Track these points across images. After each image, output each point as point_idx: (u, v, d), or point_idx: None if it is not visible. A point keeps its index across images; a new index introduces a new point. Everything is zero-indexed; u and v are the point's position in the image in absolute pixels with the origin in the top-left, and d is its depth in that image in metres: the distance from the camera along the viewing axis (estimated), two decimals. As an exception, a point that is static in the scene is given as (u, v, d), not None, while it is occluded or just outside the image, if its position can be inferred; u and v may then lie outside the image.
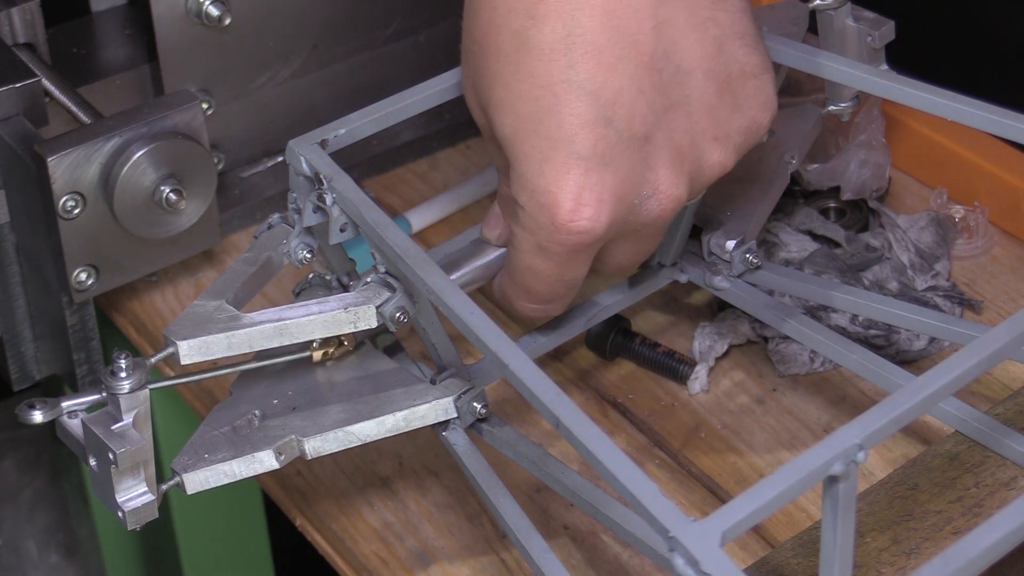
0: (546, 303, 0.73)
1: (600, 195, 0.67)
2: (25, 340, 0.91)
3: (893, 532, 0.69)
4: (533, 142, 0.67)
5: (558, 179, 0.67)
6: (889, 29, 0.82)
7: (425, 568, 0.77)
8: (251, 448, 0.69)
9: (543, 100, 0.66)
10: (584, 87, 0.66)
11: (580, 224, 0.67)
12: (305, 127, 0.75)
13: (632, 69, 0.66)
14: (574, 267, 0.70)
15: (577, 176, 0.66)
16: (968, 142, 0.93)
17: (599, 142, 0.66)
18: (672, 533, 0.55)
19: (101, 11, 0.99)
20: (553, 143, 0.66)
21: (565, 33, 0.66)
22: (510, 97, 0.67)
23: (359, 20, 0.97)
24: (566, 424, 0.60)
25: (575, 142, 0.66)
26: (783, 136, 0.85)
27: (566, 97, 0.66)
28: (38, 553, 1.30)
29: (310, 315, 0.70)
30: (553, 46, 0.66)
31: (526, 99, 0.67)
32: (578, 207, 0.67)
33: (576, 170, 0.66)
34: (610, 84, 0.66)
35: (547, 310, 0.74)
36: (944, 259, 0.89)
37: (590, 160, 0.66)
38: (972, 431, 0.73)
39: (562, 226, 0.67)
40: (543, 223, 0.68)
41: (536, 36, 0.66)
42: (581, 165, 0.66)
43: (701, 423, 0.83)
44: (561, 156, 0.66)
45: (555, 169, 0.67)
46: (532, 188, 0.67)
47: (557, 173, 0.67)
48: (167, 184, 0.85)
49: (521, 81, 0.67)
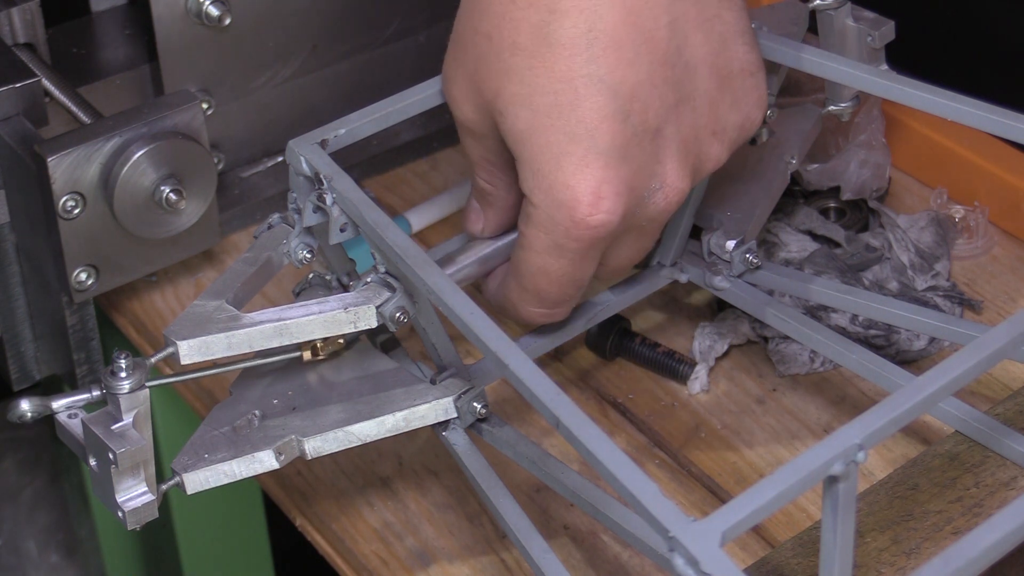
0: (554, 307, 0.73)
1: (617, 188, 0.67)
2: (25, 340, 0.91)
3: (893, 532, 0.69)
4: (551, 136, 0.67)
5: (576, 174, 0.67)
6: (889, 29, 0.82)
7: (425, 568, 0.77)
8: (251, 448, 0.69)
9: (562, 95, 0.67)
10: (604, 81, 0.66)
11: (599, 218, 0.67)
12: (305, 127, 0.75)
13: (648, 64, 0.67)
14: (586, 265, 0.70)
15: (596, 171, 0.67)
16: (968, 142, 0.93)
17: (617, 136, 0.67)
18: (672, 533, 0.55)
19: (101, 11, 0.99)
20: (572, 137, 0.67)
21: (587, 28, 0.66)
22: (525, 91, 0.67)
23: (359, 20, 0.97)
24: (566, 424, 0.60)
25: (595, 136, 0.66)
26: (783, 136, 0.85)
27: (586, 91, 0.66)
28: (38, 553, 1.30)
29: (310, 315, 0.70)
30: (575, 41, 0.66)
31: (544, 93, 0.67)
32: (597, 201, 0.67)
33: (595, 164, 0.67)
34: (629, 79, 0.67)
35: (552, 315, 0.74)
36: (944, 259, 0.89)
37: (609, 154, 0.67)
38: (972, 431, 0.73)
39: (581, 221, 0.67)
40: (560, 220, 0.68)
41: (558, 30, 0.66)
42: (600, 159, 0.67)
43: (701, 423, 0.83)
44: (580, 150, 0.67)
45: (574, 163, 0.67)
46: (550, 184, 0.67)
47: (576, 168, 0.67)
48: (167, 184, 0.85)
49: (539, 75, 0.67)
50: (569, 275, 0.70)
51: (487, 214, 0.76)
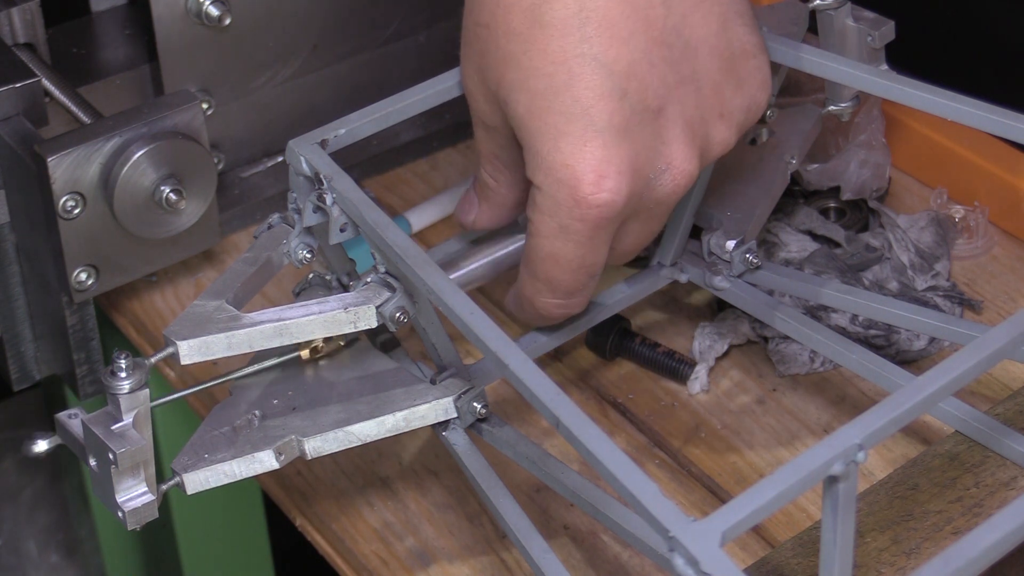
0: (568, 296, 0.72)
1: (619, 167, 0.67)
2: (25, 340, 0.91)
3: (893, 532, 0.69)
4: (548, 118, 0.67)
5: (575, 153, 0.67)
6: (889, 29, 0.82)
7: (425, 568, 0.77)
8: (251, 448, 0.69)
9: (557, 76, 0.67)
10: (598, 60, 0.66)
11: (602, 196, 0.67)
12: (305, 127, 0.75)
13: (644, 43, 0.67)
14: (595, 248, 0.70)
15: (595, 149, 0.67)
16: (968, 142, 0.93)
17: (615, 114, 0.67)
18: (672, 533, 0.55)
19: (101, 11, 0.99)
20: (569, 117, 0.67)
21: (578, 8, 0.66)
22: (522, 75, 0.67)
23: (359, 20, 0.97)
24: (566, 424, 0.60)
25: (591, 115, 0.66)
26: (783, 136, 0.85)
27: (580, 71, 0.66)
28: (38, 553, 1.30)
29: (310, 315, 0.70)
30: (566, 21, 0.67)
31: (539, 76, 0.67)
32: (599, 179, 0.67)
33: (594, 143, 0.67)
34: (623, 57, 0.67)
35: (569, 306, 0.73)
36: (944, 259, 0.89)
37: (607, 132, 0.66)
38: (972, 431, 0.73)
39: (583, 200, 0.67)
40: (563, 200, 0.67)
41: (549, 13, 0.67)
42: (598, 138, 0.66)
43: (701, 423, 0.83)
44: (577, 130, 0.66)
45: (572, 143, 0.67)
46: (549, 165, 0.67)
47: (574, 147, 0.67)
48: (167, 184, 0.85)
49: (533, 59, 0.67)
50: (579, 260, 0.70)
51: (482, 207, 0.76)
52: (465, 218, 0.77)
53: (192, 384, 0.75)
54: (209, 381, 0.73)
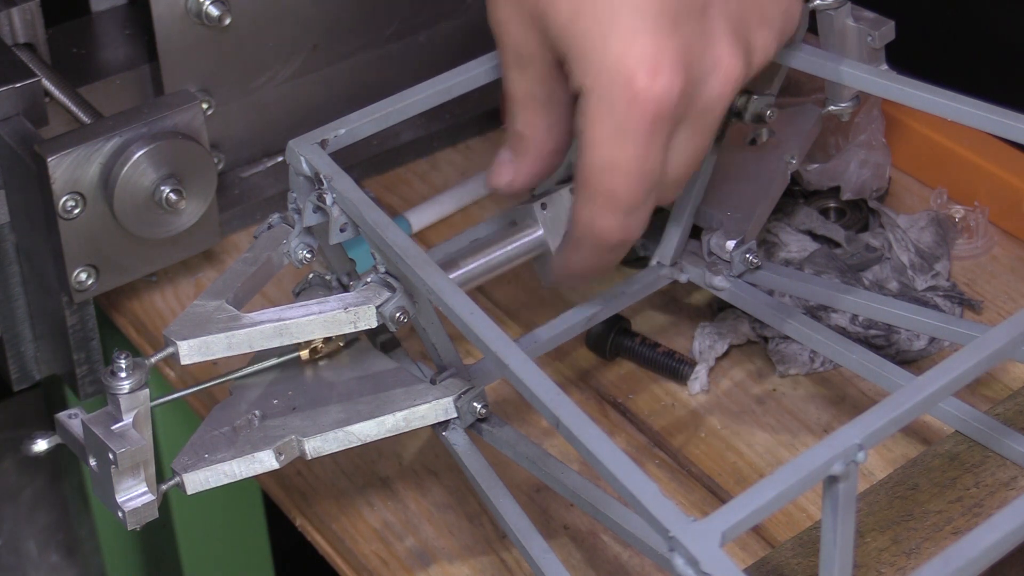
0: (628, 213, 0.69)
1: (672, 59, 0.65)
2: (25, 340, 0.91)
3: (893, 532, 0.69)
4: (594, 16, 0.66)
5: (628, 46, 0.65)
6: (889, 29, 0.82)
7: (425, 568, 0.77)
8: (251, 448, 0.69)
9: None
10: None
11: (657, 89, 0.65)
12: (305, 127, 0.75)
13: None
14: (654, 152, 0.67)
15: (648, 38, 0.65)
16: (968, 142, 0.93)
17: (664, 6, 0.65)
18: (672, 533, 0.55)
19: (101, 11, 0.99)
20: (616, 12, 0.65)
21: None
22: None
23: (359, 20, 0.97)
24: (566, 424, 0.60)
25: (640, 7, 0.65)
26: (783, 136, 0.85)
27: None
28: (38, 553, 1.30)
29: (310, 315, 0.70)
30: None
31: None
32: (654, 71, 0.65)
33: (644, 36, 0.65)
34: None
35: (628, 227, 0.70)
36: (944, 259, 0.89)
37: (658, 20, 0.65)
38: (972, 431, 0.74)
39: (641, 92, 0.65)
40: (619, 96, 0.66)
41: None
42: (650, 27, 0.65)
43: (701, 423, 0.83)
44: (627, 20, 0.65)
45: (622, 37, 0.65)
46: (600, 61, 0.66)
47: (625, 41, 0.65)
48: (167, 184, 0.85)
49: None
50: (639, 165, 0.67)
51: (520, 163, 0.73)
52: (500, 180, 0.73)
53: (192, 384, 0.75)
54: (209, 381, 0.73)
